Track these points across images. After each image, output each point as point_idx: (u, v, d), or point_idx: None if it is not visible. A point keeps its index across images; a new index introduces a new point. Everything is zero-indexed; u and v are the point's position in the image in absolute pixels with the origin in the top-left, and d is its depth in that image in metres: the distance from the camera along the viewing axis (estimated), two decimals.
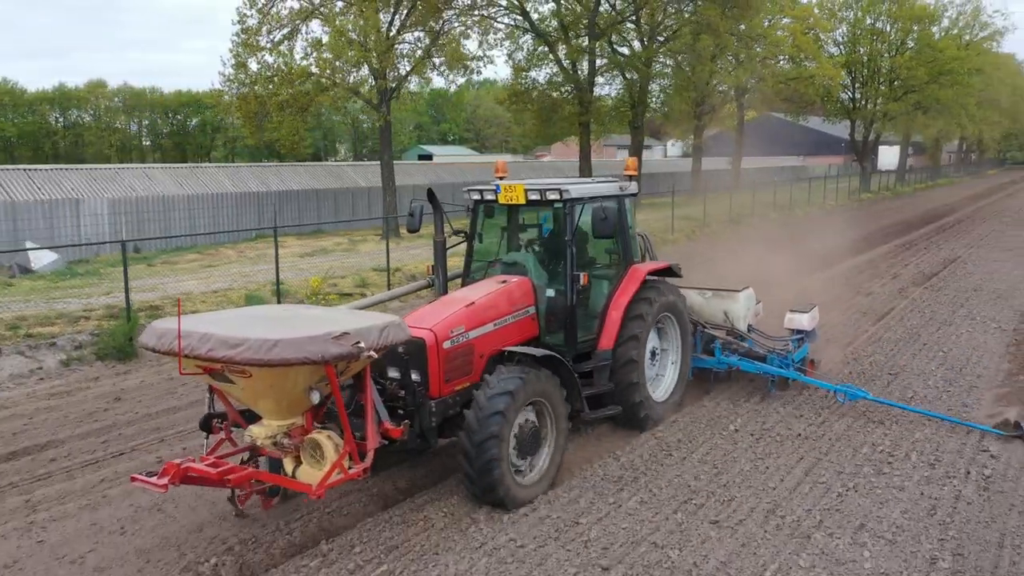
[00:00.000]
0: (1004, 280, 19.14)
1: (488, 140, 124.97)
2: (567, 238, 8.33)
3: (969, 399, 10.05)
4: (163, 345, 5.82)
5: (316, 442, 6.01)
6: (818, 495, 7.33)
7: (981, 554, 6.19)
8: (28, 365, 11.93)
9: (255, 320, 6.27)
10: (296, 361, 5.37)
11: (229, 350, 5.41)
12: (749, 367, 10.36)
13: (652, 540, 6.50)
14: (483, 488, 6.86)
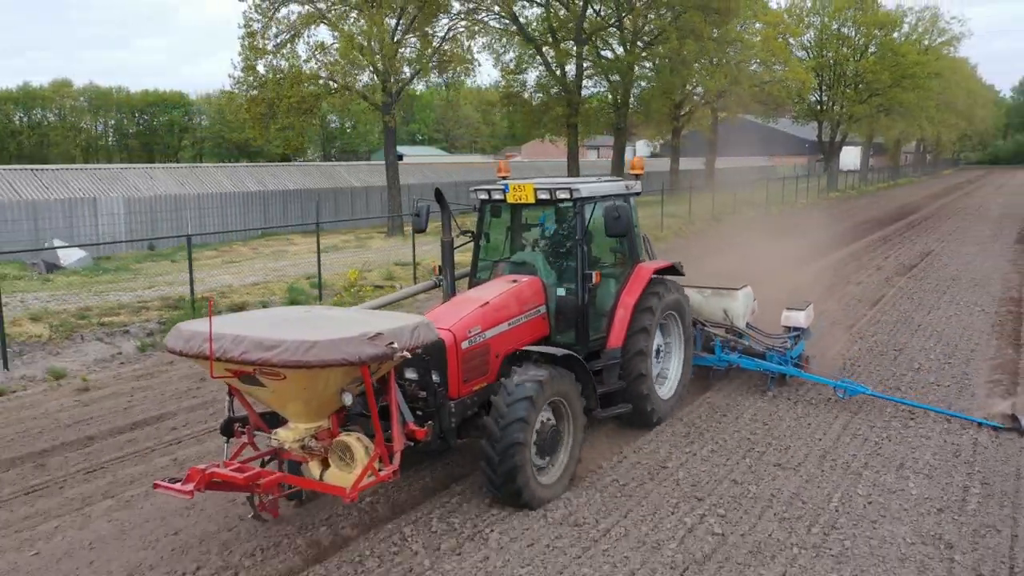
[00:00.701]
0: (978, 270, 20.84)
1: (457, 141, 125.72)
2: (578, 237, 8.37)
3: (969, 369, 11.49)
4: (192, 348, 5.71)
5: (345, 444, 5.95)
6: (859, 444, 8.65)
7: (1004, 483, 7.54)
8: (109, 350, 12.82)
9: (284, 322, 6.17)
10: (334, 362, 5.33)
11: (264, 352, 5.34)
12: (749, 364, 10.58)
13: (731, 479, 7.75)
14: (508, 493, 6.90)
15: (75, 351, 12.56)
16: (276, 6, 27.86)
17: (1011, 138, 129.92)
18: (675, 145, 47.70)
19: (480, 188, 8.98)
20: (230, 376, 5.78)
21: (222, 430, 6.51)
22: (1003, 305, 16.17)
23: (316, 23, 26.91)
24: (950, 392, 10.42)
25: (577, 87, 36.10)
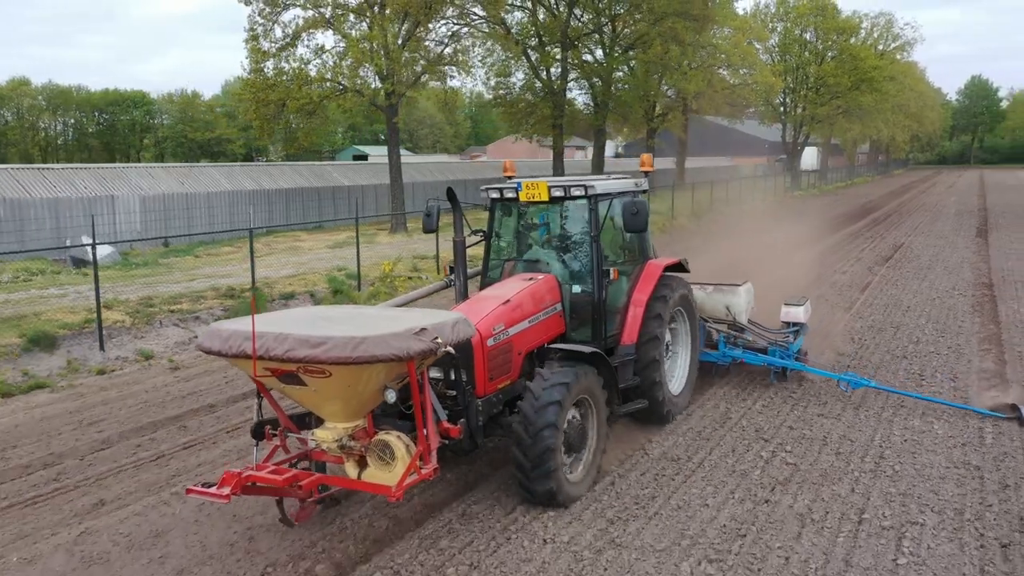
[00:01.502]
0: (947, 260, 22.81)
1: (421, 141, 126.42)
2: (593, 234, 8.42)
3: (959, 341, 13.19)
4: (232, 348, 5.62)
5: (385, 443, 5.88)
6: (884, 398, 10.20)
7: (1010, 423, 9.16)
8: (186, 334, 13.87)
9: (322, 320, 6.12)
10: (384, 358, 5.30)
11: (311, 349, 5.29)
12: (754, 360, 10.80)
13: (787, 425, 9.23)
14: (540, 494, 6.92)
15: (156, 335, 13.59)
16: (278, 11, 28.78)
17: (956, 139, 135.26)
18: (650, 145, 49.42)
19: (491, 187, 8.96)
20: (269, 376, 5.68)
21: (252, 433, 6.41)
22: (977, 289, 18.04)
23: (321, 28, 27.87)
24: (949, 358, 12.08)
25: (562, 89, 37.59)
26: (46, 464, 8.47)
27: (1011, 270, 20.64)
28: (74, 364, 12.06)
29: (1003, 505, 7.06)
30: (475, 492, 7.56)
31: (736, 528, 6.72)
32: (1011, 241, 27.00)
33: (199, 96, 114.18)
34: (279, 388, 5.97)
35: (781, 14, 58.23)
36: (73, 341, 12.52)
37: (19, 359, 11.67)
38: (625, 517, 6.93)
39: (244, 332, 5.59)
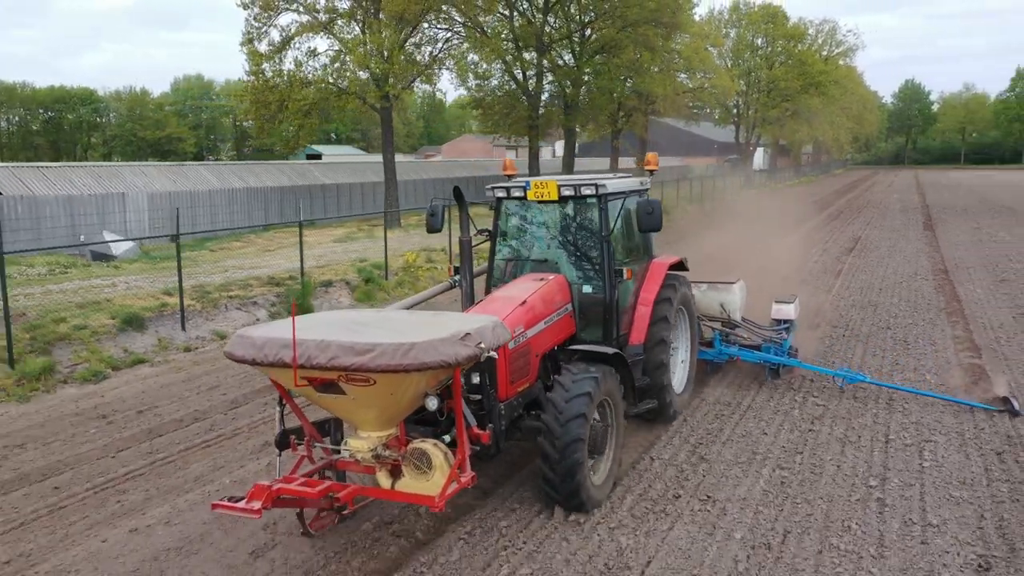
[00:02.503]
0: (904, 250, 25.28)
1: (375, 140, 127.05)
2: (604, 234, 8.36)
3: (930, 315, 15.35)
4: (268, 356, 5.41)
5: (423, 451, 5.73)
6: (879, 360, 12.19)
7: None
8: (249, 317, 15.18)
9: (356, 325, 5.95)
10: (433, 364, 5.16)
11: (357, 357, 5.15)
12: (750, 357, 10.92)
13: (806, 390, 11.13)
14: (566, 494, 6.81)
15: (223, 318, 14.88)
16: (274, 15, 29.88)
17: (891, 140, 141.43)
18: (616, 146, 51.60)
19: (498, 185, 8.87)
20: (304, 385, 5.50)
21: (277, 443, 6.23)
22: (935, 274, 20.39)
23: (319, 32, 29.06)
24: (925, 328, 14.19)
25: (538, 92, 39.39)
26: (195, 419, 9.86)
27: (960, 258, 23.13)
28: (164, 342, 13.34)
29: (993, 428, 9.04)
30: (499, 494, 7.50)
31: (793, 447, 8.54)
32: (955, 234, 29.74)
33: (148, 94, 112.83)
34: (309, 396, 5.77)
35: (734, 20, 61.11)
36: (157, 323, 13.76)
37: (117, 338, 12.88)
38: (706, 442, 8.71)
39: (280, 340, 5.39)
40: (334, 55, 29.70)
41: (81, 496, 7.65)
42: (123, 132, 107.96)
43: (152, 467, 8.39)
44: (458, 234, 8.29)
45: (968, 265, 21.70)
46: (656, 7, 35.88)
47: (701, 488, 7.55)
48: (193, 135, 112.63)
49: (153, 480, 8.04)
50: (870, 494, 7.36)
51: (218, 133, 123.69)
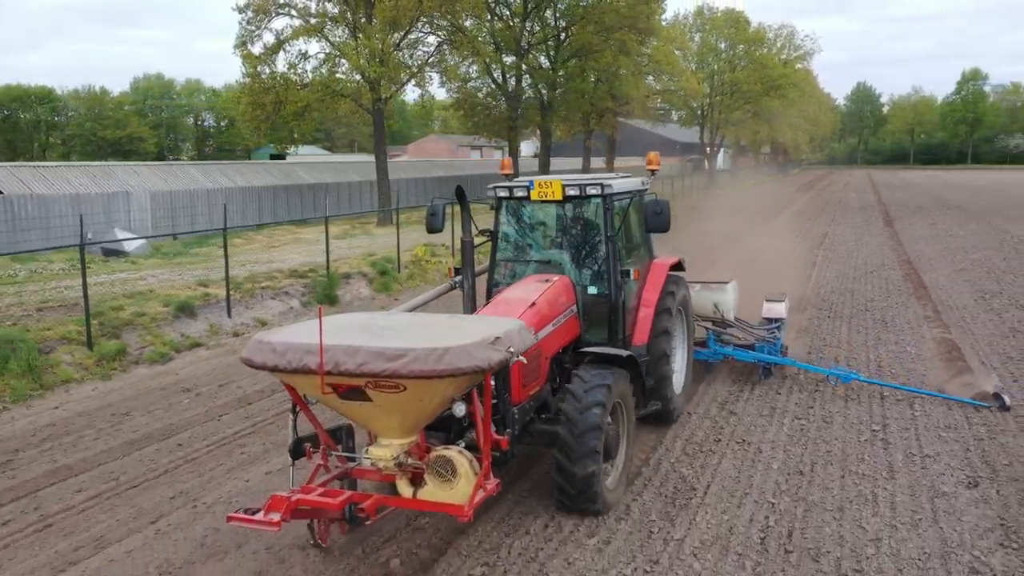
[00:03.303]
0: (869, 244, 27.24)
1: (338, 140, 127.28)
2: (609, 234, 8.27)
3: (901, 298, 17.09)
4: (291, 363, 5.26)
5: (447, 459, 5.58)
6: (864, 334, 13.82)
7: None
8: (282, 306, 16.31)
9: (380, 329, 5.83)
10: (467, 370, 5.08)
11: (389, 363, 5.01)
12: (744, 356, 10.93)
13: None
14: (582, 500, 6.76)
15: (260, 306, 15.98)
16: (267, 19, 30.79)
17: (844, 141, 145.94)
18: (588, 146, 53.23)
19: (499, 185, 8.70)
20: (328, 392, 5.35)
21: (291, 452, 6.09)
22: (901, 264, 22.27)
23: (313, 35, 30.06)
24: (900, 309, 15.90)
25: (518, 94, 40.80)
26: (274, 390, 11.01)
27: (921, 251, 25.11)
28: (214, 328, 14.41)
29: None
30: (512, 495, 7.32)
31: (805, 404, 10.05)
32: (914, 229, 31.89)
33: (108, 93, 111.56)
34: (330, 404, 5.63)
35: (698, 25, 63.22)
36: (205, 311, 14.82)
37: (173, 324, 13.93)
38: (731, 400, 10.18)
39: (303, 345, 5.26)
40: (326, 58, 30.73)
41: (206, 450, 8.83)
42: (83, 132, 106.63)
43: (255, 428, 9.57)
44: (456, 231, 8.35)
45: (929, 256, 23.65)
46: (631, 13, 37.57)
47: (735, 434, 9.00)
48: (154, 135, 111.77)
49: (263, 437, 9.23)
50: (875, 436, 8.88)
51: (179, 133, 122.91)
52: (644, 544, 6.47)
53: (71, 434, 9.41)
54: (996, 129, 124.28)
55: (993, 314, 15.24)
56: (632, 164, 72.03)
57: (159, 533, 6.78)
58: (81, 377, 11.55)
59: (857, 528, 6.68)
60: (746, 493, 7.42)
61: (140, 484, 7.93)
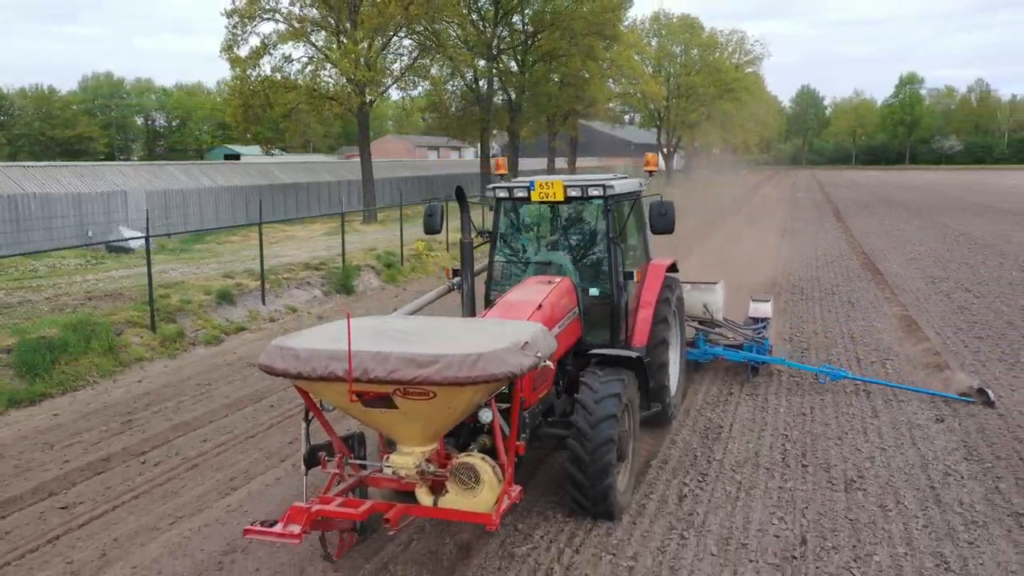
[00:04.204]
0: (825, 237, 29.53)
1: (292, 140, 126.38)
2: (611, 235, 8.26)
3: (862, 283, 19.16)
4: (316, 370, 5.13)
5: (470, 466, 5.47)
6: (839, 312, 15.77)
7: None
8: (307, 295, 17.64)
9: (402, 333, 5.69)
10: (501, 376, 5.01)
11: (420, 369, 4.93)
12: (734, 356, 11.09)
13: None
14: (597, 511, 6.78)
15: (288, 295, 17.29)
16: (254, 23, 31.86)
17: (790, 142, 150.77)
18: (552, 147, 55.07)
19: (499, 185, 8.63)
20: (353, 400, 5.23)
21: (306, 462, 6.02)
22: (857, 255, 24.50)
23: (300, 40, 31.23)
24: (863, 292, 17.94)
25: (489, 97, 42.42)
26: None
27: (873, 243, 27.43)
28: (252, 314, 15.70)
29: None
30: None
31: (795, 383, 11.85)
32: (863, 225, 34.39)
33: (56, 92, 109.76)
34: (351, 411, 5.51)
35: (655, 30, 65.65)
36: (242, 298, 16.08)
37: (217, 310, 15.19)
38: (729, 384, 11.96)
39: (327, 351, 5.15)
40: (309, 61, 31.96)
41: (297, 411, 10.22)
42: (31, 131, 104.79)
43: None
44: (452, 229, 8.24)
45: (880, 248, 25.94)
46: (599, 20, 39.51)
47: (744, 390, 10.75)
48: (104, 134, 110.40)
49: None
50: (858, 388, 10.72)
51: (129, 133, 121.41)
52: (692, 463, 8.15)
53: (169, 400, 10.73)
54: (932, 131, 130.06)
55: (942, 295, 17.37)
56: (591, 164, 74.34)
57: (295, 466, 8.20)
58: (151, 356, 12.79)
59: (855, 450, 8.46)
60: (763, 428, 9.17)
61: (255, 435, 9.33)
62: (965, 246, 25.83)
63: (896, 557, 6.21)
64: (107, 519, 7.20)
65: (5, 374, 10.85)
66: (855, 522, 6.81)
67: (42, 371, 11.11)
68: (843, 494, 7.38)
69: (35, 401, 10.61)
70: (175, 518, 7.19)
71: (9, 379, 10.81)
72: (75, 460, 8.56)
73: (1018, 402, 9.87)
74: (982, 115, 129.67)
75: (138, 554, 6.55)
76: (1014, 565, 6.05)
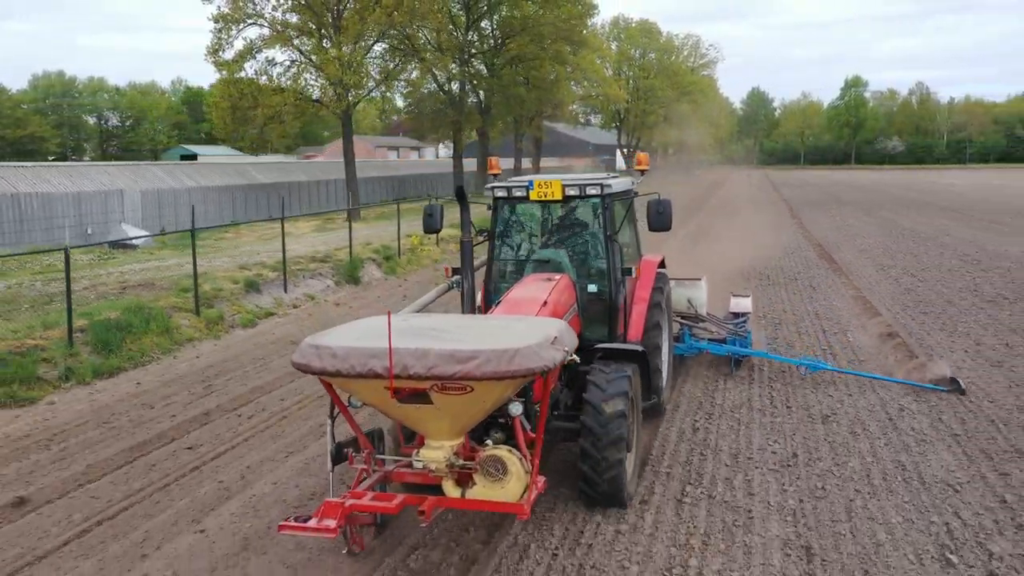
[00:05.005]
0: (783, 231, 31.85)
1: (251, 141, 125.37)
2: (608, 233, 8.42)
3: (820, 271, 21.31)
4: (355, 367, 5.26)
5: (498, 458, 5.67)
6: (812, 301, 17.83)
7: None
8: (321, 284, 19.12)
9: (431, 330, 5.85)
10: (537, 370, 5.18)
11: (460, 365, 5.07)
12: (719, 349, 11.40)
13: None
14: (609, 499, 6.93)
15: (305, 284, 18.75)
16: (236, 29, 33.05)
17: (741, 143, 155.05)
18: (519, 147, 56.94)
19: (498, 185, 8.77)
20: (391, 397, 5.36)
21: (333, 459, 6.17)
22: (813, 247, 26.78)
23: (286, 45, 32.51)
24: (824, 279, 20.07)
25: (462, 99, 44.11)
26: None
27: (826, 236, 29.80)
28: (277, 300, 17.15)
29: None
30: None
31: (773, 349, 13.78)
32: (816, 220, 36.91)
33: (6, 91, 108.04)
34: (383, 407, 5.74)
35: (615, 34, 67.97)
36: (266, 287, 17.51)
37: (246, 297, 16.62)
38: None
39: (367, 349, 5.29)
40: (291, 64, 33.28)
41: None
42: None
43: None
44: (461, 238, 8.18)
45: (834, 241, 28.29)
46: (567, 26, 41.50)
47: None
48: (56, 134, 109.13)
49: None
50: (824, 352, 12.70)
51: (82, 132, 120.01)
52: (697, 409, 9.98)
53: (234, 371, 12.22)
54: (876, 132, 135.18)
55: (891, 280, 19.59)
56: (553, 164, 76.39)
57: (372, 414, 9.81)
58: (199, 336, 14.22)
59: (827, 396, 10.38)
60: (752, 380, 11.06)
61: (323, 395, 10.87)
62: (909, 239, 28.32)
63: (865, 464, 8.09)
64: (231, 455, 8.75)
65: (84, 350, 12.21)
66: (832, 443, 8.69)
67: (115, 348, 12.50)
68: (821, 425, 9.27)
69: (114, 373, 12.01)
70: (287, 452, 8.77)
71: (87, 354, 12.18)
72: (180, 415, 10.07)
73: (956, 361, 11.90)
74: (923, 117, 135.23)
75: (271, 475, 8.14)
76: (952, 466, 7.97)
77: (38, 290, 16.71)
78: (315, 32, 33.37)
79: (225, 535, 6.84)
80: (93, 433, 9.47)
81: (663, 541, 6.54)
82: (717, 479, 7.79)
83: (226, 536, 6.82)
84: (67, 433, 9.48)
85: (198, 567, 6.30)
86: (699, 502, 7.27)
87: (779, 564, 6.16)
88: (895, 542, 6.45)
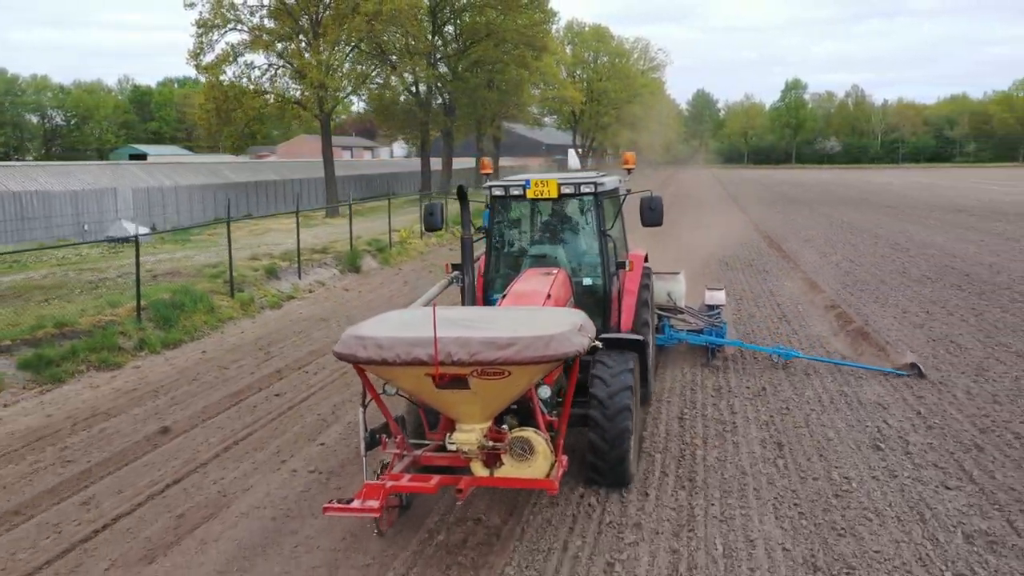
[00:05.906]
0: (734, 225, 34.59)
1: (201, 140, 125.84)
2: (602, 229, 8.73)
3: (771, 258, 23.96)
4: (400, 356, 5.56)
5: (526, 439, 6.03)
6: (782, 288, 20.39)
7: None
8: (328, 273, 21.01)
9: (463, 320, 6.10)
10: (572, 355, 5.59)
11: (500, 351, 5.41)
12: (697, 340, 11.90)
13: None
14: (615, 476, 7.28)
15: (313, 273, 20.61)
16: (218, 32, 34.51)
17: (687, 143, 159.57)
18: (480, 147, 59.04)
19: (495, 183, 9.02)
20: (435, 384, 5.64)
21: (367, 444, 6.44)
22: (763, 238, 29.54)
23: (269, 50, 34.10)
24: (776, 264, 22.69)
25: (428, 100, 46.09)
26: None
27: (773, 229, 32.65)
28: (295, 286, 19.02)
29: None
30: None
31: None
32: (763, 215, 39.91)
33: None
34: (422, 393, 6.00)
35: (570, 38, 70.57)
36: (283, 273, 19.36)
37: (268, 283, 18.46)
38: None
39: (410, 339, 5.59)
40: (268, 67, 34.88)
41: None
42: None
43: None
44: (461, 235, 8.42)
45: (780, 233, 31.13)
46: (529, 32, 43.80)
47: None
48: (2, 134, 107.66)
49: None
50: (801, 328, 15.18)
51: (25, 131, 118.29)
52: (689, 386, 12.29)
53: (282, 341, 14.15)
54: (815, 133, 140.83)
55: (833, 265, 22.31)
56: (510, 164, 78.72)
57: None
58: (237, 316, 16.07)
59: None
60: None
61: None
62: (847, 231, 31.32)
63: (817, 393, 10.48)
64: (311, 401, 10.76)
65: (149, 326, 14.01)
66: (792, 382, 11.07)
67: (173, 323, 14.31)
68: (782, 371, 11.66)
69: (177, 344, 13.84)
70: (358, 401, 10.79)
71: (152, 329, 13.98)
72: (257, 372, 12.02)
73: (886, 325, 14.46)
74: (858, 118, 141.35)
75: (349, 416, 10.16)
76: (882, 393, 10.42)
77: (72, 278, 18.30)
78: (293, 36, 34.99)
79: (341, 446, 8.91)
80: (190, 387, 11.37)
81: (674, 441, 8.83)
82: (707, 405, 10.11)
83: (341, 447, 8.89)
84: (167, 387, 11.37)
85: (330, 465, 8.36)
86: (695, 418, 9.58)
87: (759, 452, 8.48)
88: (841, 438, 8.84)
